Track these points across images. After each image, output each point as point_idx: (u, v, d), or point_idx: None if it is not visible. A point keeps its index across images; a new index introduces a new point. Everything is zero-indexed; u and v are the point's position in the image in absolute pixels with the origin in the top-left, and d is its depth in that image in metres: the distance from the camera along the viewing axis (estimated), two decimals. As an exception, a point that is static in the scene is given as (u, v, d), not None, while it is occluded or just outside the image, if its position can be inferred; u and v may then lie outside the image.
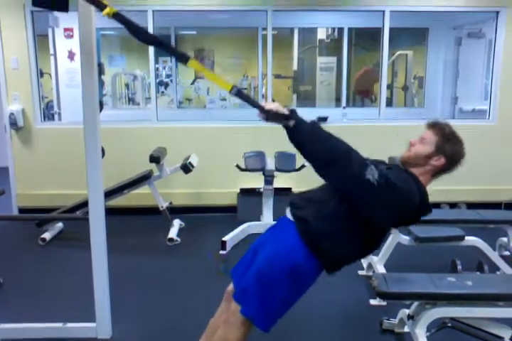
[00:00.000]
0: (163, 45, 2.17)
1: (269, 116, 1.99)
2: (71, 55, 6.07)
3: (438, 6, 5.48)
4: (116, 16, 2.09)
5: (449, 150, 2.09)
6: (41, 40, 5.71)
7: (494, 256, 3.84)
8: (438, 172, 2.13)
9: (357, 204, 1.96)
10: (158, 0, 5.29)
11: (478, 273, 3.49)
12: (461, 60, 7.08)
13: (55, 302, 3.47)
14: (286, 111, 2.00)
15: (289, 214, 2.14)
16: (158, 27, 5.57)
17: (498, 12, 5.48)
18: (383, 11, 5.43)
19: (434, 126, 2.13)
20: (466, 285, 2.66)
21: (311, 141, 1.97)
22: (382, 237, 2.14)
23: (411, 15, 5.91)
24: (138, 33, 2.11)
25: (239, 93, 2.06)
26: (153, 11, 5.30)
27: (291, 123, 1.99)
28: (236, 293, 2.12)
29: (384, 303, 3.30)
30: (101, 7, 2.08)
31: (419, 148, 2.11)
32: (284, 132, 2.00)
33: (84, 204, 4.50)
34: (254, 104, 2.04)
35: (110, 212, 3.14)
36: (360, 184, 1.88)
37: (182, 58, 2.09)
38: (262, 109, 2.00)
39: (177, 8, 5.39)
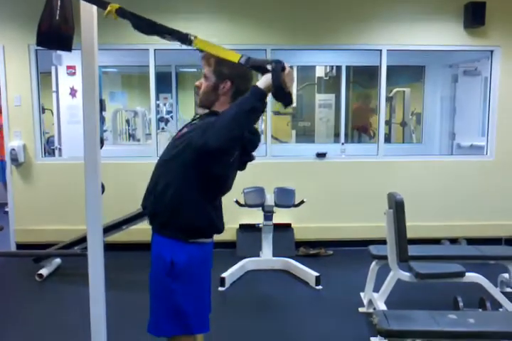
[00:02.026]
0: (171, 33, 2.17)
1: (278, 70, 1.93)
2: (73, 92, 6.16)
3: (433, 45, 5.61)
4: (120, 12, 2.05)
5: (227, 71, 2.08)
6: (44, 78, 5.81)
7: (496, 292, 3.80)
8: (234, 95, 2.09)
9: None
10: (159, 39, 5.39)
11: (480, 310, 3.45)
12: (457, 96, 7.18)
13: (52, 339, 3.42)
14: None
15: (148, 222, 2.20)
16: (159, 65, 5.66)
17: (492, 51, 5.60)
18: (380, 50, 5.55)
19: (203, 58, 2.16)
20: (468, 323, 2.62)
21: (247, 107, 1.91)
22: (217, 173, 2.09)
23: (407, 53, 6.03)
24: (144, 26, 2.14)
25: (248, 59, 2.00)
26: (154, 49, 5.42)
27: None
28: (148, 324, 2.15)
29: (385, 341, 3.25)
30: (103, 5, 2.05)
31: (203, 86, 2.12)
32: (285, 165, 2.01)
33: (82, 240, 4.48)
34: (265, 63, 1.99)
35: (109, 247, 3.13)
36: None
37: (190, 41, 2.11)
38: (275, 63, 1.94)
39: (178, 47, 5.48)
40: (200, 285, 2.14)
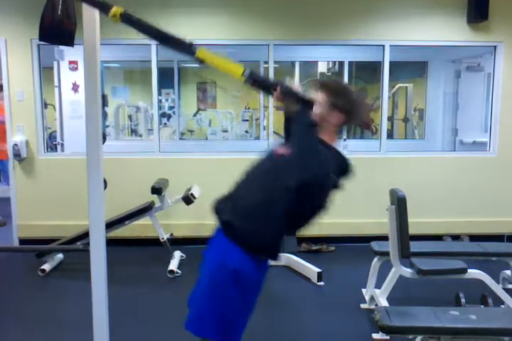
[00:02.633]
0: (175, 41, 2.14)
1: (285, 91, 1.98)
2: (75, 87, 6.16)
3: (436, 41, 5.58)
4: (124, 17, 2.03)
5: (341, 102, 2.08)
6: (46, 72, 5.81)
7: (498, 289, 3.79)
8: (341, 126, 2.14)
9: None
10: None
11: (482, 306, 3.44)
12: (460, 92, 7.16)
13: (54, 334, 3.43)
14: (301, 94, 2.02)
15: (216, 222, 2.17)
16: (162, 60, 5.65)
17: (495, 46, 5.58)
18: (383, 45, 5.52)
19: (320, 86, 2.14)
20: (470, 320, 2.62)
21: (300, 133, 2.00)
22: (304, 208, 2.09)
23: (410, 49, 6.01)
24: (148, 31, 2.09)
25: (252, 74, 2.01)
26: (157, 44, 5.39)
27: (297, 108, 2.01)
28: (188, 320, 2.11)
29: (387, 337, 3.25)
30: (106, 9, 2.03)
31: (315, 111, 2.10)
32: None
33: (85, 235, 4.49)
34: (268, 82, 2.02)
35: (111, 242, 3.13)
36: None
37: (193, 51, 2.09)
38: (276, 86, 2.00)
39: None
40: (253, 300, 2.13)
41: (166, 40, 2.14)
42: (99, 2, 2.09)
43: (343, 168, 2.11)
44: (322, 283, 4.41)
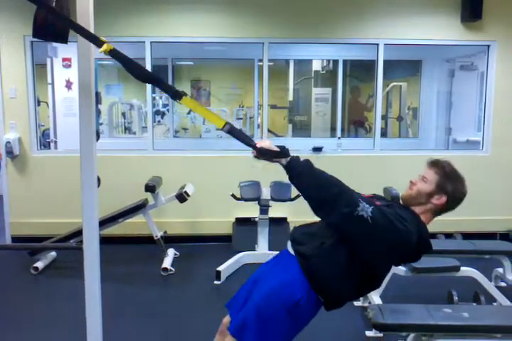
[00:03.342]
0: (159, 82, 2.13)
1: (261, 152, 1.99)
2: (68, 85, 6.13)
3: (431, 40, 5.60)
4: (113, 53, 2.08)
5: (450, 188, 2.09)
6: (39, 70, 5.78)
7: (490, 286, 3.82)
8: (439, 210, 2.14)
9: (354, 243, 1.94)
10: (155, 31, 5.38)
11: (474, 304, 3.46)
12: (454, 91, 7.18)
13: (47, 332, 3.42)
14: (276, 149, 1.99)
15: (290, 249, 2.11)
16: (156, 58, 5.64)
17: (489, 46, 5.60)
18: (377, 44, 5.53)
19: (435, 164, 2.16)
20: (462, 317, 2.63)
21: (303, 182, 1.95)
22: (383, 275, 2.11)
23: (404, 48, 6.03)
24: (133, 69, 2.11)
25: (232, 130, 2.02)
26: (150, 42, 5.38)
27: (283, 161, 1.98)
28: (232, 326, 2.08)
29: (380, 335, 3.26)
30: (99, 44, 2.08)
31: (421, 186, 2.12)
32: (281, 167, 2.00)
33: (78, 233, 4.48)
34: (246, 141, 2.03)
35: (104, 240, 3.12)
36: (354, 222, 1.85)
37: (176, 95, 2.05)
38: (253, 147, 2.00)
39: (174, 39, 5.49)
40: (298, 332, 2.08)
41: (150, 80, 2.16)
42: (92, 36, 2.11)
43: (423, 245, 2.07)
44: (316, 281, 4.41)
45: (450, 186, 2.09)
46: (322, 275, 1.99)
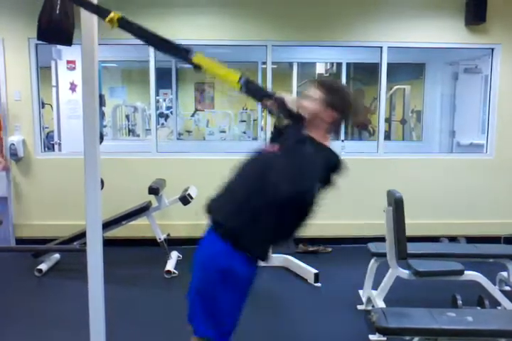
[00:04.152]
0: (172, 47, 2.16)
1: (280, 106, 1.96)
2: (73, 87, 6.15)
3: (434, 43, 5.59)
4: (122, 22, 2.04)
5: (336, 101, 2.07)
6: (43, 72, 5.79)
7: (494, 290, 3.80)
8: (334, 125, 2.13)
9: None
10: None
11: (478, 308, 3.45)
12: (458, 94, 7.17)
13: (50, 334, 3.42)
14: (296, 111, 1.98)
15: (208, 221, 2.18)
16: (160, 60, 5.65)
17: (493, 49, 5.58)
18: (381, 47, 5.53)
19: (318, 83, 2.13)
20: (466, 321, 2.62)
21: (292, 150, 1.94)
22: (301, 210, 2.06)
23: (408, 51, 6.02)
24: (146, 37, 2.12)
25: (247, 82, 1.99)
26: (154, 50, 5.38)
27: (288, 123, 2.00)
28: (188, 315, 2.17)
29: (383, 339, 3.25)
30: (104, 14, 2.02)
31: (307, 104, 2.06)
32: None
33: (81, 235, 4.48)
34: (263, 92, 2.01)
35: (108, 243, 3.13)
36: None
37: (188, 57, 2.11)
38: (272, 97, 1.98)
39: (178, 42, 5.48)
40: (244, 298, 2.12)
41: (163, 45, 2.16)
42: (96, 7, 2.09)
43: (334, 165, 2.07)
44: (319, 284, 4.41)
45: (335, 98, 2.07)
46: (238, 234, 2.03)
